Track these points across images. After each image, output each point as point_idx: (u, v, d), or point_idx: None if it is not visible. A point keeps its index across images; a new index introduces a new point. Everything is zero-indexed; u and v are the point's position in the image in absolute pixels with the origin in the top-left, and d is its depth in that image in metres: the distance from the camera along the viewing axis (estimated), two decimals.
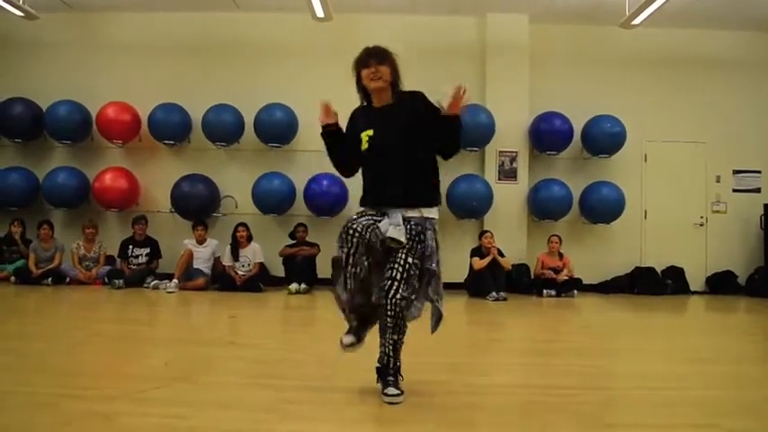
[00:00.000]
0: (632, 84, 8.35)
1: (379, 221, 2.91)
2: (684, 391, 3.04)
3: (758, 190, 8.36)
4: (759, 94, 8.37)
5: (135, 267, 7.39)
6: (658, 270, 8.14)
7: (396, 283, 2.80)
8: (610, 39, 8.12)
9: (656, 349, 4.24)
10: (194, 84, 8.16)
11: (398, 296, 2.80)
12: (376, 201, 2.99)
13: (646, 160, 8.32)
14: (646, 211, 8.28)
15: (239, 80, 8.20)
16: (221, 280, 7.23)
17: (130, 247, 7.52)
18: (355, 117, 3.17)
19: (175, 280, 6.93)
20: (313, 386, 2.91)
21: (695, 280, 8.23)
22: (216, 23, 8.27)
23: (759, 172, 8.37)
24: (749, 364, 3.69)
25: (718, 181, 8.35)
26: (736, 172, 8.39)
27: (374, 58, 3.05)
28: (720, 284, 8.16)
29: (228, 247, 7.35)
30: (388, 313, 2.81)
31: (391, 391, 2.71)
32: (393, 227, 2.85)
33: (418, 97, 3.08)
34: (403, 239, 2.82)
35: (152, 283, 7.05)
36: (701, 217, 8.35)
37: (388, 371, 2.81)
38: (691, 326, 6.16)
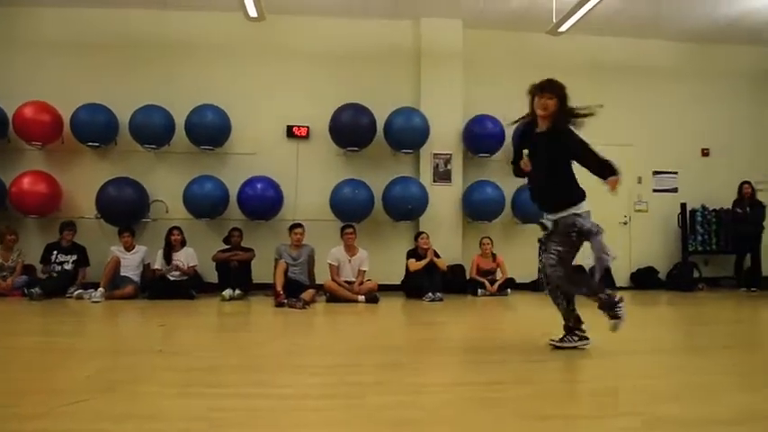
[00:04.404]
0: None
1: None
2: (614, 381, 3.16)
3: (675, 190, 8.86)
4: (675, 99, 8.88)
5: (57, 276, 7.01)
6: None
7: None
8: (539, 45, 8.41)
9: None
10: (121, 83, 7.88)
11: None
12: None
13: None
14: None
15: (169, 80, 7.97)
16: (151, 287, 6.97)
17: (55, 252, 7.14)
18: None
19: (101, 289, 6.62)
20: (244, 393, 2.84)
21: (620, 276, 8.61)
22: (145, 21, 8.02)
23: (676, 173, 8.86)
24: (674, 353, 3.88)
25: (639, 182, 8.78)
26: (655, 173, 8.85)
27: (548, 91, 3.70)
28: (643, 280, 8.59)
29: (161, 251, 7.11)
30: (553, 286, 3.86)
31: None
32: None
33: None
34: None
35: (75, 293, 6.70)
36: (625, 216, 8.75)
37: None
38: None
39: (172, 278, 6.99)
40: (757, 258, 8.41)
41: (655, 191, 8.92)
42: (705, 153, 9.17)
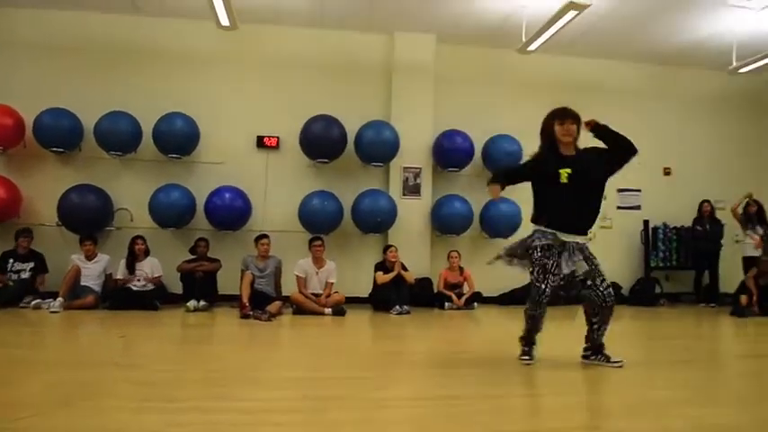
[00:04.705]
0: (529, 105, 8.72)
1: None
2: (575, 395, 3.20)
3: (638, 207, 9.07)
4: (639, 119, 9.05)
5: (14, 284, 6.80)
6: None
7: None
8: (509, 62, 8.54)
9: (546, 357, 4.43)
10: (88, 88, 7.74)
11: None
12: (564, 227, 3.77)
13: None
14: None
15: (138, 87, 7.86)
16: (113, 298, 6.80)
17: (11, 260, 6.94)
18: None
19: (60, 298, 6.43)
20: (203, 407, 2.78)
21: None
22: (115, 26, 7.89)
23: (639, 191, 9.08)
24: (632, 367, 3.95)
25: (604, 198, 8.93)
26: (620, 190, 9.04)
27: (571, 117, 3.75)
28: None
29: (124, 260, 6.96)
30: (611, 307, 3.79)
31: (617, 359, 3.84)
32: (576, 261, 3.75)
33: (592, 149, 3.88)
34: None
35: (33, 303, 6.46)
36: (590, 232, 8.89)
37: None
38: (579, 334, 6.50)
39: (135, 288, 6.84)
40: (715, 275, 8.65)
41: (619, 208, 9.12)
42: (667, 172, 9.42)
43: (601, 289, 3.78)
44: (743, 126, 9.70)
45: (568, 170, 3.74)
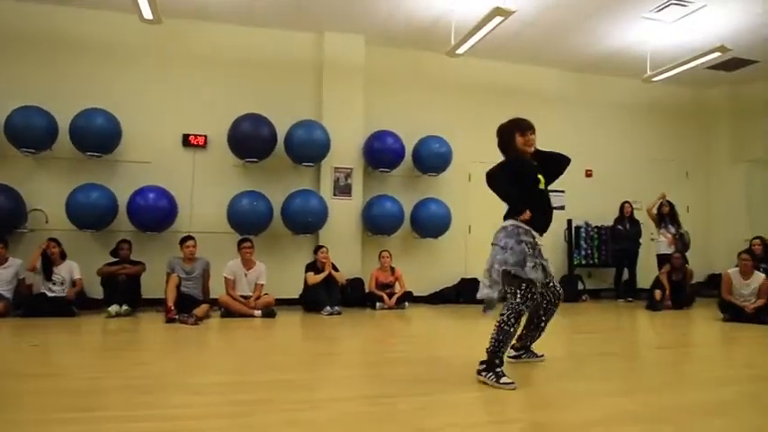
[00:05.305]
0: (458, 107, 9.01)
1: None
2: (493, 391, 3.27)
3: (563, 207, 9.43)
4: (562, 123, 9.47)
5: None
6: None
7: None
8: (439, 65, 8.68)
9: (469, 354, 4.53)
10: None
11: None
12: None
13: (470, 179, 8.98)
14: (470, 227, 8.92)
15: (54, 80, 7.45)
16: (26, 304, 6.41)
17: None
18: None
19: None
20: (124, 416, 2.67)
21: None
22: (29, 14, 7.44)
23: (563, 191, 9.45)
24: (555, 361, 4.10)
25: None
26: None
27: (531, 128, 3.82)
28: None
29: (39, 266, 6.55)
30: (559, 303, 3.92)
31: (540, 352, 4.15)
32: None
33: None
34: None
35: None
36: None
37: None
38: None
39: (50, 294, 6.47)
40: (634, 272, 9.14)
41: None
42: (588, 174, 9.87)
43: (556, 287, 3.90)
44: (657, 131, 10.32)
45: (541, 176, 3.78)
